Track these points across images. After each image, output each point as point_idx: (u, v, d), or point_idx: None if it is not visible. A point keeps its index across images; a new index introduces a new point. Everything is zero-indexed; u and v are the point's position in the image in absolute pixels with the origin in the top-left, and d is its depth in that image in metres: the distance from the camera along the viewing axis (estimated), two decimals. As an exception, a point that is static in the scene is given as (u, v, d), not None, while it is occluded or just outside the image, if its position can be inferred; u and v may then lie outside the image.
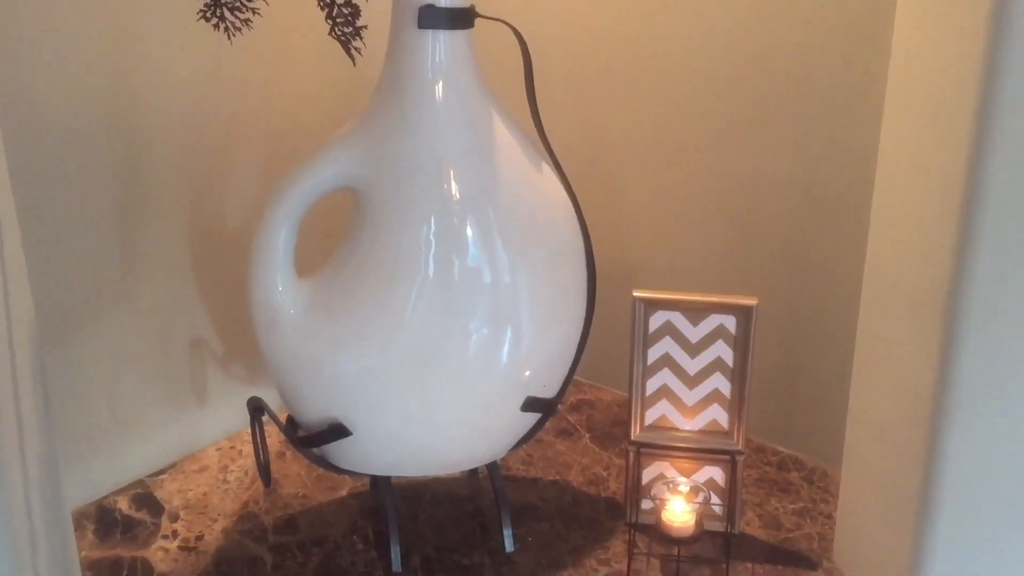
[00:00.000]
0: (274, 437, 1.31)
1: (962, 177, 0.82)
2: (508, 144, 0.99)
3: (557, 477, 1.24)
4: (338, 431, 1.01)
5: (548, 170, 1.03)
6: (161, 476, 1.23)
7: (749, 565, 1.07)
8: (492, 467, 1.11)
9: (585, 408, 1.40)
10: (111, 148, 1.12)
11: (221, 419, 1.31)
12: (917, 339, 0.90)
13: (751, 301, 1.03)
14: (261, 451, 1.08)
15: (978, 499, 0.91)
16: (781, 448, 1.29)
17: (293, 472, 1.24)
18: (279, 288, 0.98)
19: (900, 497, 0.94)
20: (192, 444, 1.29)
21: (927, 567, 0.92)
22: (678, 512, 1.05)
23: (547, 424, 1.34)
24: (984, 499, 0.91)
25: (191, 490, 1.21)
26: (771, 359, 1.25)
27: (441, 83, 0.95)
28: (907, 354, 0.91)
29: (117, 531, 1.13)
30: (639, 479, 1.12)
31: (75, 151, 1.09)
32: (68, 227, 1.10)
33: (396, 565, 1.06)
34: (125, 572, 1.06)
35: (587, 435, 1.33)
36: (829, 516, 1.14)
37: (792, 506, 1.17)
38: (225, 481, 1.23)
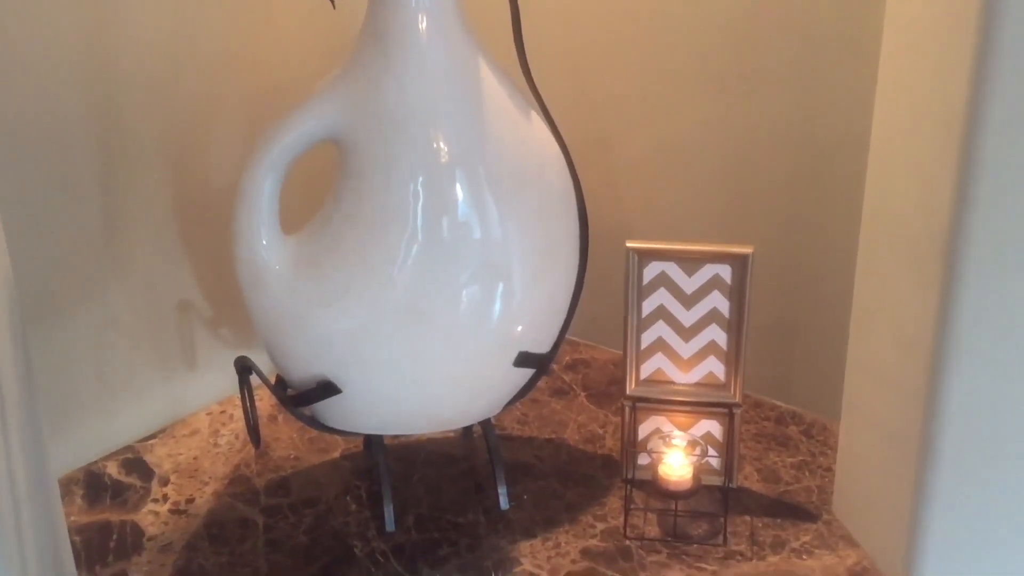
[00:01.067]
0: (265, 401, 1.29)
1: (961, 115, 0.80)
2: (495, 91, 0.96)
3: (553, 435, 1.22)
4: (328, 389, 0.99)
5: (537, 118, 1.00)
6: (151, 441, 1.22)
7: (748, 519, 1.05)
8: (486, 425, 1.10)
9: (581, 367, 1.39)
10: (88, 107, 1.09)
11: (211, 384, 1.29)
12: (916, 283, 0.88)
13: (747, 249, 1.01)
14: (250, 411, 1.06)
15: (980, 444, 0.89)
16: (779, 403, 1.27)
17: (285, 435, 1.23)
18: (263, 243, 0.96)
19: (900, 445, 0.93)
20: (182, 409, 1.27)
21: (928, 514, 0.91)
22: (675, 466, 1.03)
23: (542, 384, 1.33)
24: (986, 444, 0.89)
25: (181, 454, 1.19)
26: (768, 312, 1.23)
27: (425, 25, 0.92)
28: (906, 298, 0.89)
29: (106, 496, 1.11)
30: (635, 434, 1.10)
31: (51, 112, 1.06)
32: (46, 190, 1.08)
33: (389, 525, 1.05)
34: (115, 536, 1.04)
35: (583, 394, 1.32)
36: (828, 469, 1.13)
37: (791, 460, 1.16)
38: (216, 445, 1.21)
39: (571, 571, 0.98)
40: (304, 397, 1.01)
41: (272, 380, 1.08)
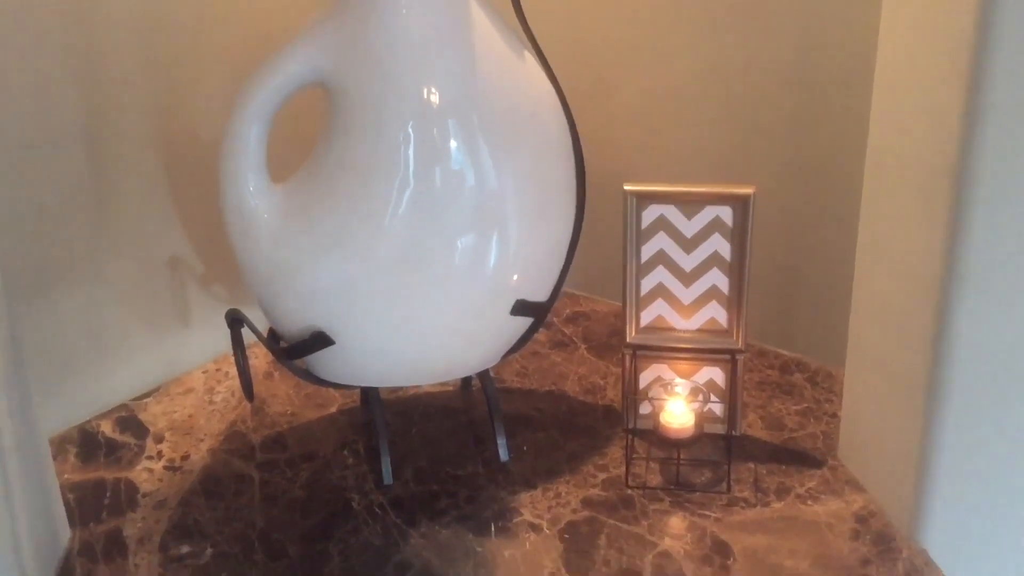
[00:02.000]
0: (261, 358, 1.28)
1: (969, 43, 0.77)
2: (487, 31, 0.93)
3: (553, 387, 1.20)
4: (321, 340, 0.97)
5: (531, 59, 0.97)
6: (145, 399, 1.20)
7: (751, 466, 1.04)
8: (484, 376, 1.07)
9: (581, 320, 1.36)
10: (71, 59, 1.06)
11: (205, 341, 1.27)
12: (923, 217, 0.85)
13: (748, 189, 0.98)
14: (242, 366, 1.05)
15: (988, 384, 0.87)
16: (783, 351, 1.25)
17: (281, 391, 1.21)
18: (251, 190, 0.93)
19: (907, 387, 0.90)
20: (176, 367, 1.25)
21: (935, 456, 0.89)
22: (677, 413, 1.01)
23: (542, 336, 1.31)
24: (994, 384, 0.87)
25: (176, 412, 1.17)
26: (771, 259, 1.20)
27: (411, -40, 0.89)
28: (912, 234, 0.87)
29: (100, 454, 1.10)
30: (636, 383, 1.08)
31: (33, 65, 1.03)
32: (29, 144, 1.05)
33: (387, 478, 1.03)
34: (108, 493, 1.03)
35: (583, 346, 1.30)
36: (834, 415, 1.11)
37: (795, 407, 1.14)
38: (211, 402, 1.19)
39: (572, 520, 0.96)
40: (297, 349, 0.99)
41: (264, 334, 1.06)
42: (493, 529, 0.96)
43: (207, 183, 1.07)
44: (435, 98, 0.91)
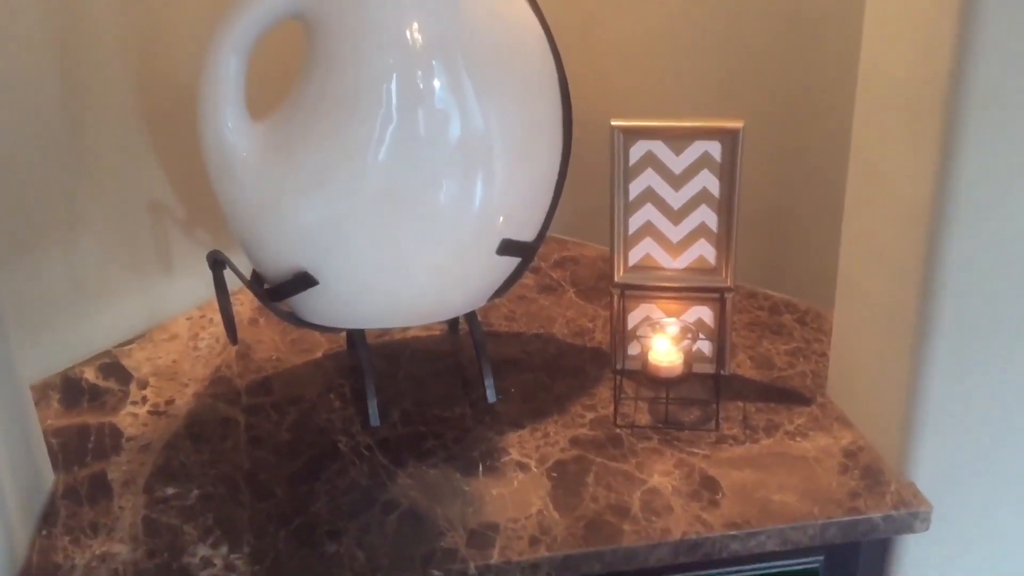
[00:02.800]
0: (246, 304, 1.26)
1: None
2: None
3: (541, 331, 1.19)
4: (304, 281, 0.95)
5: (515, -10, 0.95)
6: (128, 346, 1.18)
7: (740, 404, 1.03)
8: (471, 318, 1.06)
9: (569, 264, 1.35)
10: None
11: (189, 288, 1.25)
12: (914, 147, 0.84)
13: (737, 124, 0.96)
14: (225, 307, 1.03)
15: (977, 318, 0.87)
16: (773, 293, 1.24)
17: (267, 338, 1.19)
18: (229, 126, 0.91)
19: (896, 321, 0.90)
20: (160, 314, 1.24)
21: (924, 390, 0.88)
22: (665, 352, 1.01)
23: (530, 281, 1.30)
24: (983, 318, 0.87)
25: (160, 358, 1.16)
26: (760, 200, 1.19)
27: None
28: (903, 164, 0.86)
29: (83, 399, 1.08)
30: (624, 323, 1.07)
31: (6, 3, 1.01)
32: (3, 86, 1.02)
33: (374, 420, 1.02)
34: (92, 437, 1.02)
35: (571, 290, 1.28)
36: (823, 355, 1.10)
37: (784, 347, 1.13)
38: (196, 348, 1.18)
39: (560, 459, 0.96)
40: (280, 290, 0.97)
41: (248, 277, 1.04)
42: (481, 469, 0.95)
43: (187, 126, 1.05)
44: (416, 31, 0.89)
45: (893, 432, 0.92)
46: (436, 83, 0.90)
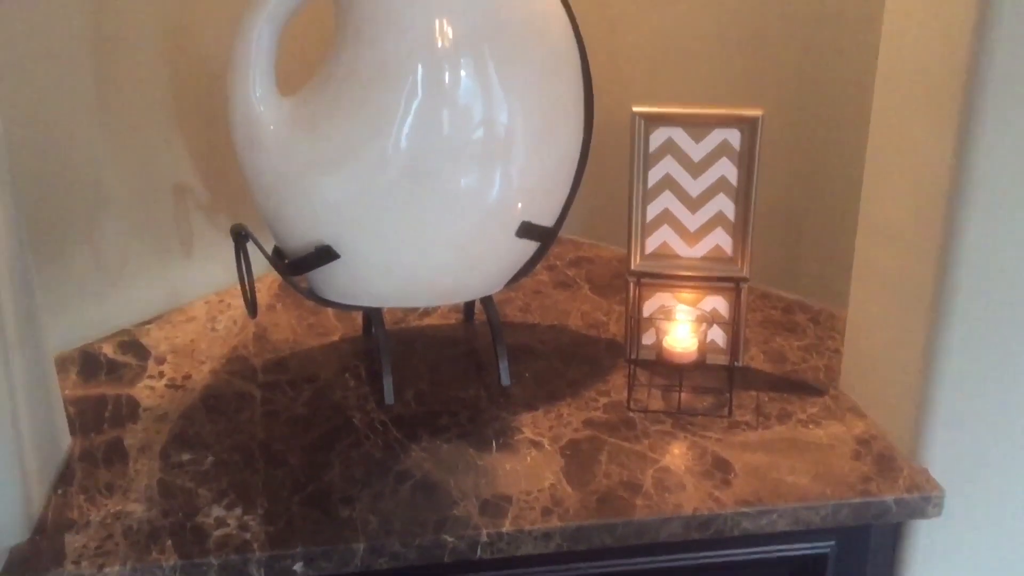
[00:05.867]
0: (263, 292, 1.27)
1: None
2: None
3: (555, 322, 1.20)
4: (326, 254, 0.97)
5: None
6: (147, 325, 1.20)
7: (753, 393, 1.04)
8: (487, 301, 1.07)
9: (584, 264, 1.36)
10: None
11: (209, 273, 1.27)
12: (932, 132, 0.85)
13: (757, 112, 0.98)
14: (246, 280, 1.04)
15: (993, 303, 0.87)
16: (787, 294, 1.25)
17: (284, 321, 1.21)
18: (258, 95, 0.93)
19: (912, 308, 0.90)
20: (179, 298, 1.25)
21: (938, 378, 0.89)
22: (680, 338, 1.01)
23: (545, 277, 1.31)
24: (999, 303, 0.87)
25: (178, 337, 1.17)
26: (777, 201, 1.20)
27: None
28: (920, 149, 0.87)
29: (101, 373, 1.09)
30: (640, 311, 1.08)
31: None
32: (38, 56, 1.05)
33: (388, 398, 1.03)
34: (110, 407, 1.03)
35: (587, 286, 1.30)
36: (836, 351, 1.11)
37: (798, 343, 1.14)
38: (213, 329, 1.19)
39: (573, 438, 0.96)
40: (302, 263, 0.99)
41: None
42: (494, 445, 0.96)
43: (214, 112, 1.08)
44: (446, 15, 0.90)
45: (906, 420, 0.92)
46: (462, 64, 0.91)
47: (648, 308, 1.08)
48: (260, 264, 1.06)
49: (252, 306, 1.03)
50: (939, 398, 0.90)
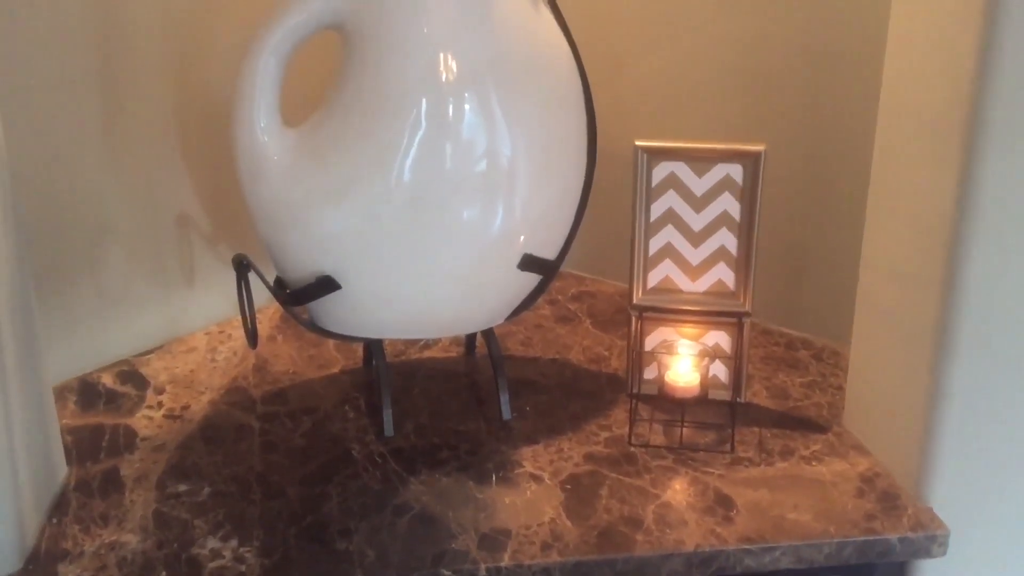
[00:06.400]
0: (265, 323, 1.27)
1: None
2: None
3: (557, 356, 1.20)
4: (327, 285, 0.96)
5: (545, 11, 0.98)
6: (147, 356, 1.19)
7: (756, 429, 1.03)
8: (488, 334, 1.07)
9: (586, 298, 1.36)
10: (89, 4, 1.07)
11: (210, 305, 1.27)
12: (934, 161, 0.85)
13: (759, 147, 0.98)
14: (247, 311, 1.04)
15: (997, 338, 0.87)
16: (789, 330, 1.25)
17: (284, 353, 1.20)
18: (262, 127, 0.93)
19: (915, 344, 0.90)
20: (179, 328, 1.25)
21: (943, 415, 0.88)
22: (682, 372, 1.01)
23: (547, 311, 1.31)
24: (1003, 339, 0.87)
25: (178, 367, 1.17)
26: (779, 239, 1.20)
27: None
28: (922, 184, 0.87)
29: (100, 402, 1.09)
30: (642, 345, 1.07)
31: (51, 6, 1.04)
32: (46, 86, 1.05)
33: (388, 430, 1.02)
34: (107, 437, 1.02)
35: (588, 320, 1.29)
36: (839, 388, 1.10)
37: (800, 380, 1.13)
38: (213, 360, 1.18)
39: (574, 473, 0.95)
40: (303, 294, 0.98)
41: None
42: (494, 479, 0.95)
43: (219, 142, 1.08)
44: (450, 49, 0.91)
45: (911, 458, 0.91)
46: (466, 97, 0.92)
47: (650, 342, 1.08)
48: (261, 295, 1.06)
49: (253, 337, 1.03)
50: (943, 436, 0.89)
